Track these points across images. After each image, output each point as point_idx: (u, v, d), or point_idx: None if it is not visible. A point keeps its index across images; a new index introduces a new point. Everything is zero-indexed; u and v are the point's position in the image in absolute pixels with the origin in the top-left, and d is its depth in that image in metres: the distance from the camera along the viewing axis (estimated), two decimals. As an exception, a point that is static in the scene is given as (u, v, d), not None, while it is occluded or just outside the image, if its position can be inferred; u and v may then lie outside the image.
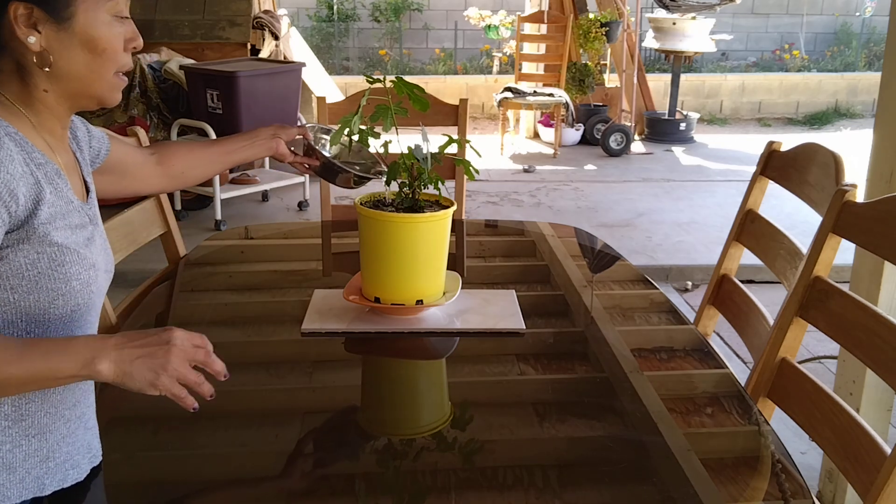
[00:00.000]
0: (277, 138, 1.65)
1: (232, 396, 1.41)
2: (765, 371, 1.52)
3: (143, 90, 4.72)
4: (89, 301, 1.14)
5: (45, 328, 1.09)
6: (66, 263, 1.09)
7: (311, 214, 5.03)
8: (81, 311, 1.13)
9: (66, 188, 1.13)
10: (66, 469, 1.13)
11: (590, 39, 6.73)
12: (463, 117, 2.42)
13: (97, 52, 1.12)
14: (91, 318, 1.18)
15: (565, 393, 1.46)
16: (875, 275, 2.09)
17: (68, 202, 1.12)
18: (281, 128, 1.67)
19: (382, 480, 1.19)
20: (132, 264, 2.02)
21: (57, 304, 1.09)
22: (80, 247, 1.12)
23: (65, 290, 1.09)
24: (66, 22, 1.09)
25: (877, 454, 1.20)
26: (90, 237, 1.16)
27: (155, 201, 2.02)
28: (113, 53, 1.14)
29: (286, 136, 1.67)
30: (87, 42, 1.11)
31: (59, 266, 1.08)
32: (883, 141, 2.14)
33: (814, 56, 10.14)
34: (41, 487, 1.10)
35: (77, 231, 1.13)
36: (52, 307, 1.09)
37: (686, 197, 5.56)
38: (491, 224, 3.15)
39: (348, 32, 10.05)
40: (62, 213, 1.10)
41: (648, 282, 1.91)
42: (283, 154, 1.67)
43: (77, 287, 1.11)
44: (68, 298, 1.10)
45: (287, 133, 1.67)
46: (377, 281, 1.59)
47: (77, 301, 1.11)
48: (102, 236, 1.22)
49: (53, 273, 1.08)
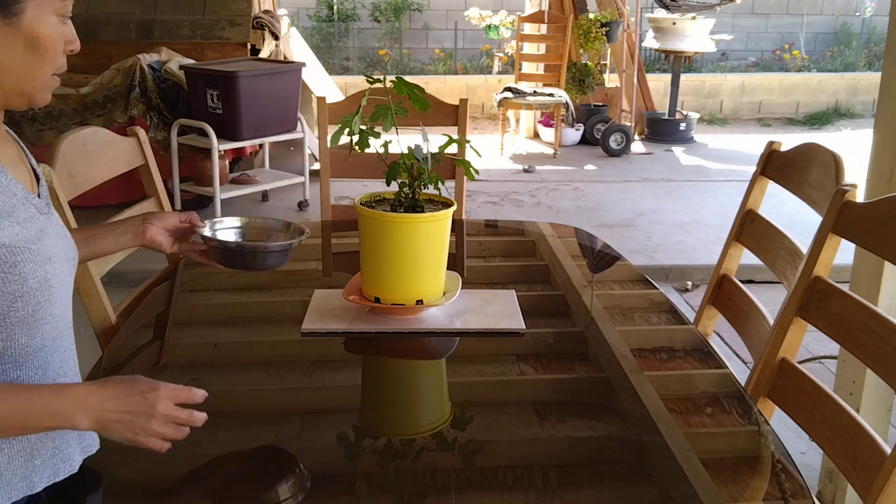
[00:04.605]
0: (148, 224, 1.45)
1: (232, 396, 1.41)
2: (765, 371, 1.52)
3: (143, 90, 4.72)
4: (51, 296, 1.11)
5: (8, 332, 1.07)
6: (19, 263, 1.06)
7: (311, 214, 5.04)
8: (44, 307, 1.10)
9: (8, 181, 1.09)
10: (56, 463, 1.12)
11: (590, 39, 6.73)
12: (463, 117, 2.42)
13: (39, 52, 1.10)
14: (57, 310, 1.14)
15: (565, 393, 1.46)
16: (875, 275, 2.09)
17: (11, 195, 1.08)
18: (154, 214, 1.48)
19: (382, 480, 1.19)
20: (132, 264, 2.02)
21: (16, 306, 1.06)
22: (32, 242, 1.08)
23: (22, 292, 1.06)
24: (12, 17, 1.06)
25: (877, 454, 1.20)
26: (42, 229, 1.12)
27: (155, 201, 2.02)
28: (54, 54, 1.12)
29: (160, 223, 1.46)
30: (31, 40, 1.08)
31: (11, 268, 1.05)
32: (883, 141, 2.14)
33: (814, 56, 10.14)
34: (30, 486, 1.09)
35: (27, 225, 1.09)
36: (12, 310, 1.06)
37: (686, 197, 5.56)
38: (491, 224, 3.15)
39: (348, 32, 10.05)
40: (6, 210, 1.06)
41: (648, 282, 1.91)
42: (157, 243, 1.46)
43: (35, 286, 1.08)
44: (28, 299, 1.07)
45: (162, 219, 1.46)
46: (377, 281, 1.59)
47: (38, 299, 1.09)
48: (57, 224, 1.19)
49: (6, 276, 1.04)
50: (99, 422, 1.04)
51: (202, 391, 1.11)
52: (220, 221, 1.57)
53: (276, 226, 1.61)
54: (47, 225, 1.14)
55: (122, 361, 1.53)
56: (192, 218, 1.48)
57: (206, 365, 1.56)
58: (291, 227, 1.60)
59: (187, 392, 1.09)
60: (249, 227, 1.61)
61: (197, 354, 1.59)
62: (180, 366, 1.55)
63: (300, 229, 1.57)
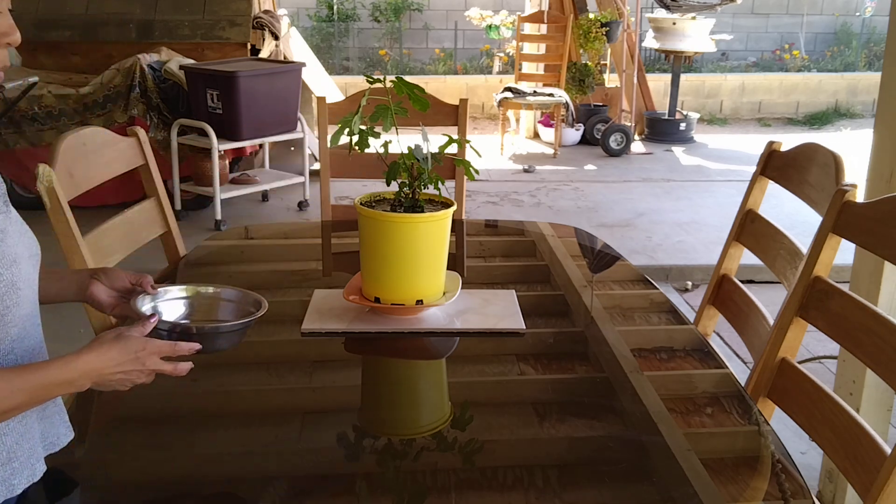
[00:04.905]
0: (95, 281, 1.31)
1: (232, 396, 1.41)
2: (765, 371, 1.52)
3: (143, 90, 4.72)
4: (18, 299, 1.10)
5: None
6: None
7: (311, 214, 5.03)
8: (12, 311, 1.09)
9: None
10: (32, 463, 1.12)
11: (590, 39, 6.73)
12: (463, 117, 2.42)
13: None
14: (24, 311, 1.13)
15: (565, 393, 1.46)
16: (875, 275, 2.09)
17: None
18: (104, 271, 1.34)
19: (382, 480, 1.19)
20: (132, 264, 2.01)
21: None
22: None
23: None
24: None
25: (877, 454, 1.20)
26: (3, 229, 1.10)
27: (155, 201, 2.02)
28: None
29: (108, 282, 1.32)
30: None
31: None
32: (883, 141, 2.14)
33: (814, 56, 10.14)
34: (11, 489, 1.09)
35: None
36: None
37: (686, 197, 5.56)
38: (491, 224, 3.15)
39: (348, 32, 10.05)
40: None
41: (648, 282, 1.91)
42: (97, 302, 1.32)
43: (2, 290, 1.06)
44: None
45: (111, 279, 1.33)
46: (377, 281, 1.59)
47: (5, 303, 1.07)
48: (17, 221, 1.16)
49: None
50: (99, 382, 1.12)
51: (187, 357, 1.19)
52: (167, 292, 1.35)
53: (231, 297, 1.37)
54: (6, 224, 1.12)
55: (122, 361, 1.52)
56: (144, 282, 1.33)
57: (206, 365, 1.56)
58: (249, 298, 1.36)
59: (170, 347, 1.17)
60: (199, 300, 1.38)
61: (197, 354, 1.59)
62: (180, 366, 1.55)
63: (257, 302, 1.33)
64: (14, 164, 4.73)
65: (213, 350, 1.25)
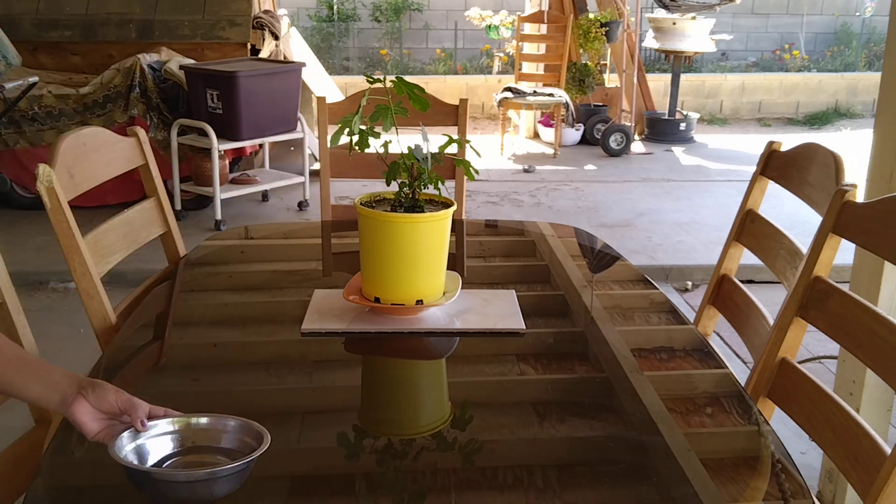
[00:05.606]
0: (81, 399, 1.13)
1: (232, 396, 1.41)
2: (765, 371, 1.52)
3: (143, 90, 4.72)
4: None
5: None
6: None
7: (311, 214, 5.04)
8: None
9: None
10: None
11: (590, 39, 6.73)
12: (463, 117, 2.42)
13: None
14: None
15: (565, 393, 1.46)
16: (875, 275, 2.09)
17: None
18: (96, 388, 1.14)
19: (382, 480, 1.19)
20: (132, 264, 2.02)
21: None
22: None
23: None
24: None
25: (877, 454, 1.20)
26: None
27: (155, 201, 2.02)
28: None
29: (96, 402, 1.13)
30: None
31: None
32: (883, 141, 2.14)
33: (814, 56, 10.14)
34: None
35: None
36: None
37: (686, 197, 5.56)
38: (491, 224, 3.15)
39: (348, 32, 10.05)
40: None
41: (648, 282, 1.91)
42: (79, 423, 1.13)
43: None
44: None
45: (100, 399, 1.13)
46: (377, 281, 1.59)
47: None
48: None
49: None
50: None
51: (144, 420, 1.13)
52: (155, 426, 1.14)
53: (227, 428, 1.16)
54: None
55: (122, 361, 1.53)
56: (134, 414, 1.13)
57: (206, 365, 1.56)
58: (251, 429, 1.14)
59: None
60: (191, 432, 1.16)
61: (197, 354, 1.59)
62: (180, 366, 1.55)
63: (259, 434, 1.13)
64: (14, 164, 4.72)
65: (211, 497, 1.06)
